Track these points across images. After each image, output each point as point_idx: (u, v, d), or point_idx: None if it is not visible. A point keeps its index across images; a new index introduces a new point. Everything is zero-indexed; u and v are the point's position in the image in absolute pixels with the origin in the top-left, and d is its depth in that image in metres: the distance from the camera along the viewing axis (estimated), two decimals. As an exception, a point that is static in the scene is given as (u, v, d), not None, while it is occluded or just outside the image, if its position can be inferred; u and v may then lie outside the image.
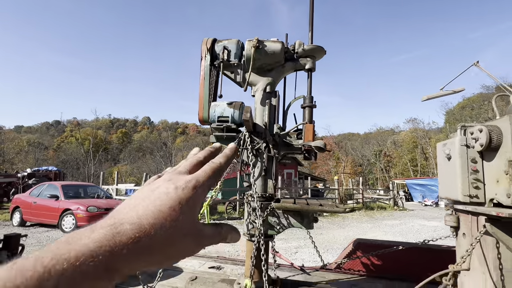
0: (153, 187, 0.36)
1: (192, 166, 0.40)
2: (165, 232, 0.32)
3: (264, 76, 2.34)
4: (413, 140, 44.73)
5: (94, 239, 0.28)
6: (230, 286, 2.06)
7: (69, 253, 0.26)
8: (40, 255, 0.26)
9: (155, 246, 0.31)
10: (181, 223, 0.34)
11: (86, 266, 0.26)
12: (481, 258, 1.87)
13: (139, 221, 0.31)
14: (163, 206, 0.33)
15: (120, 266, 0.29)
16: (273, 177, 2.19)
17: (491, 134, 1.70)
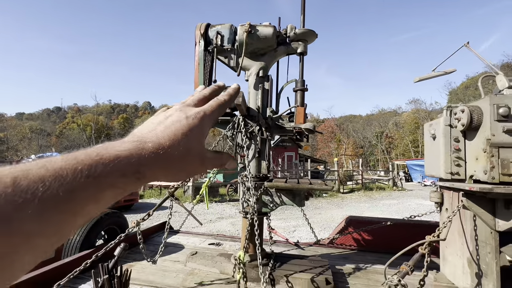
0: (166, 115, 0.43)
1: (199, 100, 0.47)
2: (178, 151, 0.39)
3: (257, 61, 2.39)
4: (415, 121, 44.49)
5: (125, 148, 0.35)
6: (228, 259, 2.22)
7: (109, 154, 0.32)
8: (87, 151, 0.32)
9: (171, 161, 0.38)
10: (190, 145, 0.41)
11: (122, 165, 0.33)
12: (460, 230, 2.01)
13: (158, 141, 0.38)
14: (177, 131, 0.40)
15: (145, 171, 0.35)
16: (266, 159, 2.29)
17: (472, 114, 1.78)
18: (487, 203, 1.67)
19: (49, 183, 0.26)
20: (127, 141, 0.37)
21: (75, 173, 0.29)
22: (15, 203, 0.24)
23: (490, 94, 1.80)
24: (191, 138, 0.41)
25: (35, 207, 0.25)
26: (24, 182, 0.25)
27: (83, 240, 2.44)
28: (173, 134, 0.40)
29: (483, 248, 1.73)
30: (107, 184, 0.31)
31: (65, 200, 0.27)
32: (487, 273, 1.68)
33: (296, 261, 2.24)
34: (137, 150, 0.35)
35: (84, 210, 0.29)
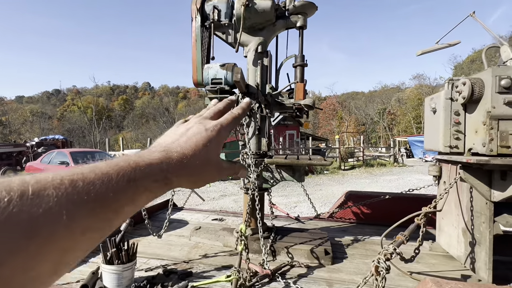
0: (187, 127, 0.47)
1: (214, 113, 0.52)
2: (199, 160, 0.43)
3: (255, 36, 2.34)
4: (418, 97, 43.86)
5: (156, 157, 0.39)
6: (230, 233, 2.31)
7: (144, 161, 0.37)
8: (124, 158, 0.36)
9: (193, 169, 0.42)
10: (210, 155, 0.45)
11: (154, 171, 0.37)
12: (456, 201, 2.06)
13: (182, 151, 0.42)
14: (198, 142, 0.44)
15: (172, 178, 0.39)
16: (266, 136, 2.31)
17: (473, 87, 1.76)
18: (484, 174, 1.69)
19: (98, 186, 0.30)
20: (155, 150, 0.41)
21: (118, 177, 0.33)
22: (74, 202, 0.28)
23: (492, 65, 1.77)
24: (210, 149, 0.45)
25: (89, 205, 0.29)
26: (80, 183, 0.29)
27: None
28: (195, 145, 0.44)
29: (477, 218, 1.78)
30: (143, 188, 0.35)
31: (111, 200, 0.31)
32: (480, 241, 1.74)
33: (296, 234, 2.32)
34: (165, 159, 0.39)
35: (124, 210, 0.33)
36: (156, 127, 48.81)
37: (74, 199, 0.28)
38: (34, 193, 0.26)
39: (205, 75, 2.28)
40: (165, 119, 49.68)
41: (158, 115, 52.28)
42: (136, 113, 67.37)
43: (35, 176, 0.28)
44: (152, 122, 52.94)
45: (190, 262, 1.95)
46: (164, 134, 0.48)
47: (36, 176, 0.28)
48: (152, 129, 48.58)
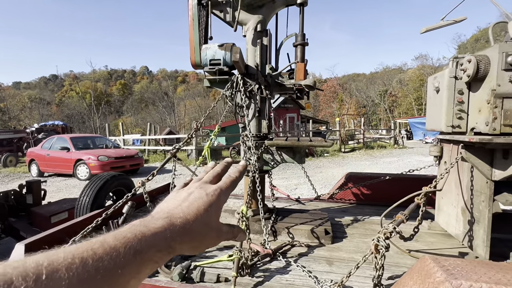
0: (189, 192, 0.48)
1: (213, 177, 0.53)
2: (201, 225, 0.44)
3: (254, 14, 2.26)
4: (420, 78, 43.21)
5: (160, 225, 0.40)
6: (232, 215, 2.33)
7: (149, 231, 0.38)
8: (131, 229, 0.37)
9: (195, 234, 0.43)
10: (210, 219, 0.46)
11: (158, 241, 0.38)
12: (457, 181, 2.06)
13: (185, 216, 0.43)
14: (200, 207, 0.45)
15: (175, 245, 0.40)
16: (266, 118, 2.28)
17: (479, 64, 1.72)
18: (486, 154, 1.68)
19: (107, 262, 0.32)
20: (159, 217, 0.42)
21: (125, 250, 0.34)
22: (84, 281, 0.29)
23: (499, 42, 1.71)
24: (210, 213, 0.46)
25: (98, 283, 0.30)
26: (90, 261, 0.31)
27: (93, 201, 2.56)
28: (197, 210, 0.45)
29: (477, 197, 1.79)
30: (147, 259, 0.36)
31: (118, 276, 0.33)
32: (479, 220, 1.76)
33: (297, 215, 2.35)
34: (169, 226, 0.40)
35: (129, 283, 0.34)
36: (156, 112, 48.55)
37: (84, 279, 0.29)
38: (48, 276, 0.27)
39: (203, 56, 2.23)
40: (165, 103, 49.28)
41: (157, 100, 51.81)
42: (135, 98, 66.80)
43: (48, 256, 0.29)
44: (152, 106, 52.55)
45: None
46: (166, 199, 0.49)
47: (49, 256, 0.29)
48: (152, 113, 48.34)
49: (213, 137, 2.92)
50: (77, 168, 9.37)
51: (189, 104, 49.83)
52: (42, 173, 10.46)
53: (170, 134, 20.53)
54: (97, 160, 9.00)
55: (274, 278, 1.54)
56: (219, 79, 2.25)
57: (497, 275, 0.92)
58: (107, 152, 9.76)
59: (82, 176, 9.28)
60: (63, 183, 9.00)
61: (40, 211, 3.08)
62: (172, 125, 42.40)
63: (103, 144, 11.05)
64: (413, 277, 1.03)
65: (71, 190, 7.91)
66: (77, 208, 2.57)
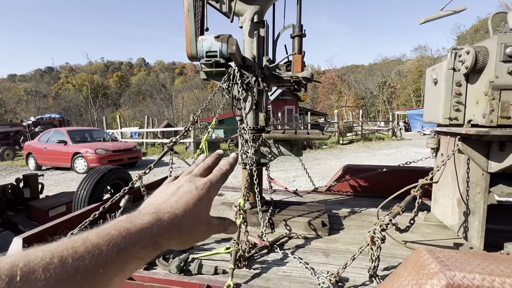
0: (178, 185, 0.47)
1: (204, 170, 0.52)
2: (189, 219, 0.43)
3: (251, 4, 2.22)
4: (419, 69, 43.02)
5: (147, 220, 0.39)
6: (229, 207, 2.34)
7: (135, 227, 0.37)
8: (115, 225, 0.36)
9: (183, 229, 0.42)
10: (200, 213, 0.45)
11: (144, 237, 0.37)
12: (453, 173, 2.07)
13: (173, 211, 0.42)
14: (189, 201, 0.44)
15: (162, 241, 0.39)
16: (263, 110, 2.27)
17: (477, 55, 1.70)
18: (482, 146, 1.69)
19: (88, 261, 0.31)
20: (146, 213, 0.40)
21: (108, 248, 0.33)
22: (62, 281, 0.28)
23: (498, 33, 1.69)
24: (200, 207, 0.45)
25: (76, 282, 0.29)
26: (69, 260, 0.29)
27: (90, 194, 2.56)
28: (185, 204, 0.44)
29: (473, 189, 1.80)
30: (132, 256, 0.35)
31: (99, 275, 0.31)
32: (474, 211, 1.77)
33: (294, 207, 2.36)
34: (156, 221, 0.39)
35: (112, 281, 0.33)
36: (153, 104, 48.21)
37: (62, 279, 0.28)
38: (23, 278, 0.26)
39: (199, 48, 2.19)
40: (162, 96, 48.91)
41: (154, 92, 51.40)
42: (132, 90, 66.24)
43: (25, 256, 0.28)
44: (149, 99, 52.17)
45: (190, 235, 2.00)
46: (154, 193, 0.48)
47: (26, 256, 0.28)
48: (149, 106, 48.00)
49: (211, 130, 2.91)
50: (75, 161, 9.35)
51: (187, 97, 49.51)
52: (40, 166, 10.44)
53: (168, 126, 20.45)
54: (95, 153, 8.98)
55: (271, 270, 1.56)
56: (216, 71, 2.22)
57: (491, 266, 0.93)
58: (105, 145, 9.73)
59: (80, 170, 9.27)
60: (61, 176, 8.99)
61: (37, 204, 3.08)
62: (170, 117, 42.19)
63: (100, 137, 11.01)
64: (408, 268, 1.04)
65: (69, 183, 7.91)
66: (75, 202, 2.57)
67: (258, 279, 1.48)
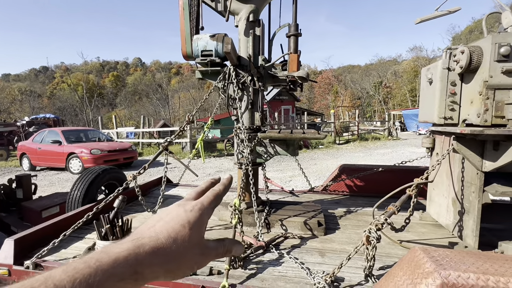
0: (167, 212, 0.44)
1: (197, 194, 0.49)
2: (177, 245, 0.39)
3: (246, 3, 2.20)
4: (415, 69, 43.31)
5: (124, 248, 0.35)
6: (225, 208, 2.33)
7: (109, 258, 0.33)
8: (86, 257, 0.33)
9: (170, 256, 0.38)
10: (190, 237, 0.41)
11: (119, 269, 0.33)
12: (448, 172, 2.08)
13: (156, 236, 0.38)
14: (175, 224, 0.40)
15: (143, 271, 0.35)
16: (259, 110, 2.26)
17: (471, 55, 1.71)
18: (477, 145, 1.69)
19: None
20: (127, 240, 0.37)
21: (73, 286, 0.29)
22: None
23: (493, 32, 1.70)
24: (189, 230, 0.41)
25: None
26: None
27: (84, 195, 2.53)
28: (171, 228, 0.40)
29: (468, 188, 1.81)
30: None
31: None
32: (469, 210, 1.78)
33: (290, 207, 2.35)
34: (135, 249, 0.36)
35: None
36: (150, 104, 47.96)
37: None
38: None
39: (194, 47, 2.18)
40: (158, 95, 48.67)
41: (151, 92, 51.12)
42: (129, 90, 65.84)
43: None
44: (145, 99, 51.89)
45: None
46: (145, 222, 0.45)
47: None
48: (146, 106, 47.74)
49: (206, 130, 2.90)
50: (70, 161, 9.25)
51: (184, 96, 49.32)
52: (34, 167, 10.32)
53: (164, 126, 20.36)
54: (90, 153, 8.89)
55: (266, 270, 1.55)
56: (211, 70, 2.21)
57: (485, 265, 0.93)
58: (100, 145, 9.64)
59: (75, 170, 9.18)
60: (56, 177, 8.90)
61: (30, 205, 3.04)
62: (167, 117, 42.01)
63: (96, 137, 10.91)
64: (403, 268, 1.04)
65: (63, 184, 7.83)
66: (69, 202, 2.54)
67: (254, 279, 1.47)
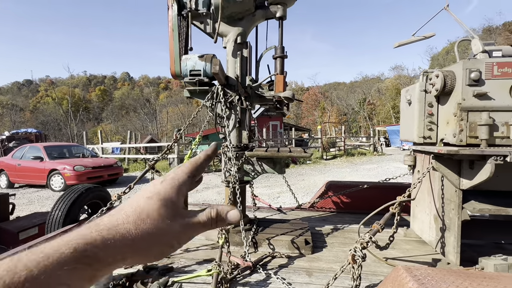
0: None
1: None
2: (141, 220, 0.33)
3: (234, 26, 2.28)
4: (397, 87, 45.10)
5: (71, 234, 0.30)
6: (212, 227, 2.30)
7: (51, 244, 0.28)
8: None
9: (133, 233, 0.32)
10: (160, 210, 0.34)
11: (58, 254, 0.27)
12: (429, 190, 2.15)
13: (115, 214, 0.33)
14: (141, 198, 0.35)
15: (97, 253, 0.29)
16: (246, 128, 2.29)
17: (445, 79, 1.82)
18: (454, 164, 1.77)
19: None
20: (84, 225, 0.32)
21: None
22: None
23: (464, 59, 1.83)
24: (158, 201, 0.35)
25: None
26: None
27: (66, 215, 2.44)
28: (135, 202, 0.34)
29: (448, 205, 1.88)
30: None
31: None
32: (450, 227, 1.83)
33: (278, 225, 2.35)
34: (83, 230, 0.30)
35: None
36: (137, 119, 47.43)
37: None
38: None
39: (183, 67, 2.22)
40: (146, 110, 48.29)
41: (138, 107, 50.71)
42: (116, 105, 65.09)
43: None
44: (133, 113, 51.35)
45: (171, 257, 1.94)
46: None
47: None
48: (133, 120, 47.17)
49: (194, 147, 2.90)
50: (51, 178, 8.92)
51: (172, 111, 49.13)
52: (13, 184, 9.88)
53: (151, 142, 20.09)
54: (73, 170, 8.62)
55: (253, 291, 1.53)
56: (200, 89, 2.24)
57: (464, 283, 0.96)
58: (84, 161, 9.38)
59: (57, 187, 8.84)
60: (35, 194, 8.53)
61: (7, 227, 2.89)
62: (154, 132, 41.53)
63: (80, 153, 10.61)
64: (387, 287, 1.06)
65: (43, 202, 7.50)
66: (49, 223, 2.44)
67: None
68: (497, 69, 1.69)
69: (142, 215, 0.33)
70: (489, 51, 2.00)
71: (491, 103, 1.68)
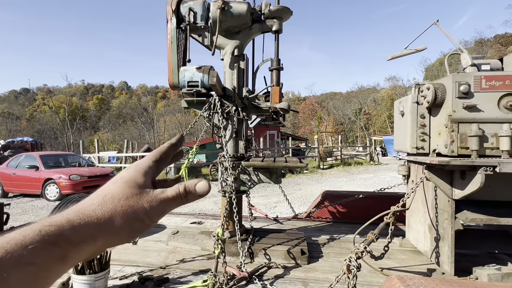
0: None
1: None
2: (105, 200, 0.34)
3: (231, 39, 2.35)
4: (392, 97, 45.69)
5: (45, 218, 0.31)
6: (208, 237, 2.30)
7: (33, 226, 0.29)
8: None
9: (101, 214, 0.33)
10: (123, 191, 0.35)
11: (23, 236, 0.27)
12: (423, 199, 2.18)
13: (83, 201, 0.34)
14: (106, 185, 0.37)
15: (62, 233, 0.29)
16: (243, 139, 2.32)
17: (436, 92, 1.88)
18: (446, 174, 1.81)
19: None
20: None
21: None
22: None
23: (454, 72, 1.89)
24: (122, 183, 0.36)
25: None
26: None
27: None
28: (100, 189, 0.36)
29: (441, 215, 1.90)
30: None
31: None
32: (444, 237, 1.85)
33: (274, 235, 2.35)
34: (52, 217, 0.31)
35: None
36: (134, 128, 47.37)
37: None
38: None
39: (181, 78, 2.26)
40: (144, 119, 48.31)
41: (136, 116, 50.72)
42: (113, 113, 65.04)
43: None
44: (130, 122, 51.29)
45: (167, 267, 1.93)
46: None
47: None
48: (130, 129, 47.07)
49: (191, 157, 2.91)
50: (46, 188, 8.82)
51: (169, 120, 49.19)
52: (7, 193, 9.75)
53: (148, 151, 20.00)
54: (69, 179, 8.55)
55: (249, 302, 1.53)
56: (197, 100, 2.28)
57: (456, 292, 0.98)
58: (80, 170, 9.32)
59: (52, 197, 8.74)
60: (30, 204, 8.42)
61: (1, 236, 2.86)
62: (151, 141, 41.41)
63: (76, 162, 10.54)
64: (381, 297, 1.07)
65: (38, 212, 7.40)
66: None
67: (236, 313, 1.44)
68: (485, 82, 1.75)
69: (107, 197, 0.34)
70: (478, 64, 2.07)
71: (480, 115, 1.73)
